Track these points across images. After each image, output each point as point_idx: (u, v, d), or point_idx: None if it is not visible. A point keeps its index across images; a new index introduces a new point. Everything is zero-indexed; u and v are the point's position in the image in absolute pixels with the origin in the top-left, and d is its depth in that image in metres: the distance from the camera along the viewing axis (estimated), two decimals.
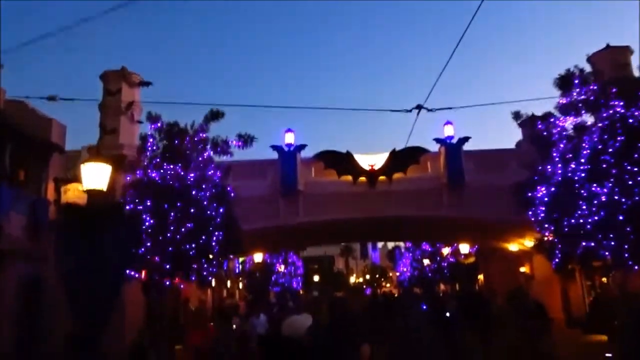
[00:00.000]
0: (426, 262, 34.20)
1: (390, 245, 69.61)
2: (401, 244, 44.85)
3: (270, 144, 17.09)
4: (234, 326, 12.21)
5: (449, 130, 17.43)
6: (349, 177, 17.09)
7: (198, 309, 16.49)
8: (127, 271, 10.79)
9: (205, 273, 12.54)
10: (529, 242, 19.46)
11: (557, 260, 12.79)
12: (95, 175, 8.68)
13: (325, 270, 66.09)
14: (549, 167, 13.07)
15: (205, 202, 12.43)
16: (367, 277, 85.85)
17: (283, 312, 13.59)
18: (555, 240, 12.93)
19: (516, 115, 13.58)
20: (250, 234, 16.40)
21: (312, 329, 5.42)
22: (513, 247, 21.96)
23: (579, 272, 19.92)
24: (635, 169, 11.28)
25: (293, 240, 23.92)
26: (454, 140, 17.22)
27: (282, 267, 34.23)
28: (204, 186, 12.62)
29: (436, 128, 17.75)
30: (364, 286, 78.61)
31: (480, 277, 31.16)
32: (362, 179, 17.05)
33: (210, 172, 13.03)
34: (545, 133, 13.18)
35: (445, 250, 31.33)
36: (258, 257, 24.07)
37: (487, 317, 11.84)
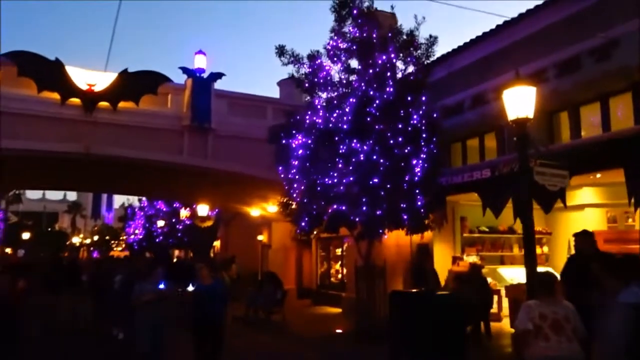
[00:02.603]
0: (161, 223, 30.60)
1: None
2: (136, 202, 40.08)
3: None
4: None
5: (200, 62, 14.28)
6: (56, 95, 12.49)
7: None
8: None
9: None
10: (272, 207, 17.94)
11: (303, 224, 10.93)
12: None
13: (42, 228, 56.22)
14: (307, 116, 11.10)
15: None
16: (96, 238, 77.10)
17: None
18: (305, 201, 11.07)
19: (281, 51, 11.22)
20: None
21: None
22: (255, 212, 20.33)
23: (315, 241, 19.37)
24: (399, 126, 10.07)
25: None
26: (205, 75, 14.19)
27: None
28: None
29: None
30: (92, 248, 70.29)
31: (217, 243, 29.26)
32: (76, 100, 12.66)
33: None
34: (310, 76, 11.14)
35: (184, 213, 28.39)
36: None
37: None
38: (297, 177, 10.91)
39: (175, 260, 30.84)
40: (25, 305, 9.15)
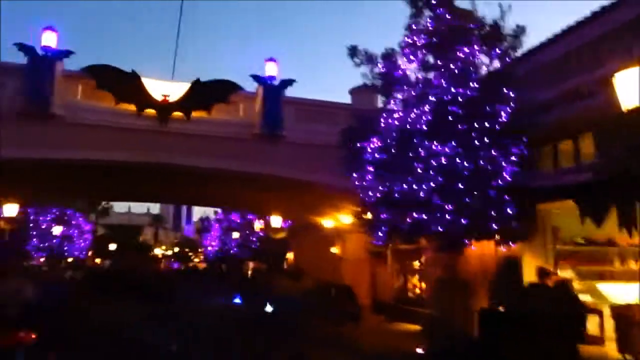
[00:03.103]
0: (235, 235, 30.90)
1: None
2: (212, 215, 41.00)
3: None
4: None
5: (271, 69, 14.05)
6: (132, 107, 12.68)
7: None
8: None
9: None
10: (345, 218, 17.33)
11: (380, 234, 10.21)
12: None
13: (127, 239, 59.05)
14: (382, 118, 10.43)
15: None
16: (177, 249, 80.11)
17: None
18: (381, 210, 10.34)
19: (353, 51, 10.67)
20: None
21: None
22: (328, 222, 19.76)
23: (391, 253, 18.49)
24: (484, 126, 9.15)
25: (55, 189, 18.43)
26: (276, 82, 13.94)
27: (59, 228, 27.79)
28: None
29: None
30: (172, 259, 72.97)
31: (289, 255, 29.01)
32: (151, 111, 12.78)
33: None
34: (385, 76, 10.49)
35: (258, 224, 28.45)
36: (10, 209, 17.93)
37: None
38: (371, 183, 10.23)
39: (249, 272, 30.89)
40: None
